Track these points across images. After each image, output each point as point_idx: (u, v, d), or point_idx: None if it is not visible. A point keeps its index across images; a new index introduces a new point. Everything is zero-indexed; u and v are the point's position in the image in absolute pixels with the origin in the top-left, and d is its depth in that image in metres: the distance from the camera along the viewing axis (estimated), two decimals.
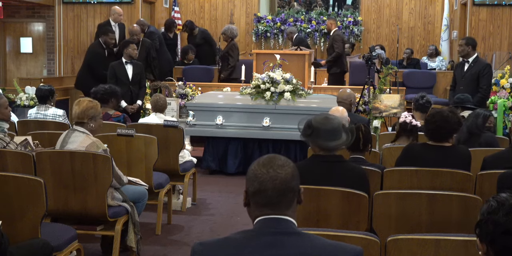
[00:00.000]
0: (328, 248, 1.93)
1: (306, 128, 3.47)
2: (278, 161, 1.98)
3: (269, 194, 1.93)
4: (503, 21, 10.32)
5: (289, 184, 1.95)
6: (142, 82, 7.88)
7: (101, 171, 4.08)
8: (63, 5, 10.92)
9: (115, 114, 6.06)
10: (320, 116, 3.48)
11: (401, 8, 12.51)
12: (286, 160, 2.00)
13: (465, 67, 7.24)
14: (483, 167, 4.02)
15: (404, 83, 10.28)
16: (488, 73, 7.14)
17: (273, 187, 1.93)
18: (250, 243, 1.91)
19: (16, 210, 3.42)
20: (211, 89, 8.78)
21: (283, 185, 1.94)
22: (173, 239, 5.08)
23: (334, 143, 3.41)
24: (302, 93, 7.34)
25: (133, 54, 7.72)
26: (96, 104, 4.33)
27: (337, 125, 3.45)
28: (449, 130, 4.04)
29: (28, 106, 8.08)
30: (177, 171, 5.67)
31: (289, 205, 1.96)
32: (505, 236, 1.85)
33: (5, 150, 4.17)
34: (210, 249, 1.94)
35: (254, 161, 2.02)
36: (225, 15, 12.77)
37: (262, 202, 1.95)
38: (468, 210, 3.16)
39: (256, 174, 1.96)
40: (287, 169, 1.96)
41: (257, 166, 1.98)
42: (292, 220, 1.97)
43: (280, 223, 1.94)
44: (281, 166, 1.96)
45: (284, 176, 1.94)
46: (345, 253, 1.93)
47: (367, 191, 3.36)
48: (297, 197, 1.99)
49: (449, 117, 4.04)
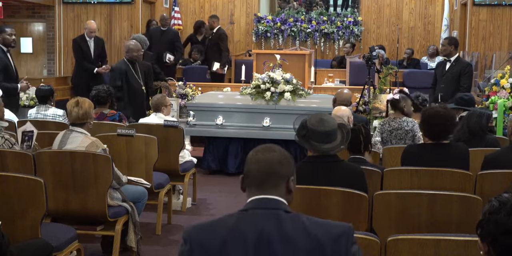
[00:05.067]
0: (320, 222, 2.04)
1: (301, 129, 3.45)
2: (270, 147, 2.13)
3: (254, 174, 2.07)
4: (503, 21, 10.31)
5: (273, 167, 2.06)
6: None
7: (101, 171, 4.08)
8: (63, 5, 10.91)
9: (110, 113, 6.07)
10: (315, 118, 3.44)
11: (401, 8, 12.51)
12: (278, 149, 2.12)
13: (446, 66, 7.49)
14: (484, 165, 4.00)
15: (404, 83, 10.27)
16: (469, 73, 7.43)
17: (258, 168, 2.07)
18: (242, 221, 2.00)
19: (16, 210, 3.42)
20: (211, 89, 8.78)
21: (266, 166, 2.06)
22: (173, 239, 5.08)
23: (327, 145, 3.40)
24: (302, 93, 7.34)
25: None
26: (92, 103, 4.36)
27: (333, 128, 3.41)
28: (449, 128, 4.05)
29: (28, 106, 8.09)
30: (177, 171, 5.67)
31: (274, 187, 2.06)
32: (506, 236, 1.86)
33: (5, 150, 4.17)
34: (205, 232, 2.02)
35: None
36: (225, 15, 12.76)
37: (250, 183, 2.08)
38: (468, 210, 3.16)
39: (248, 158, 2.13)
40: (274, 154, 2.09)
41: (251, 152, 2.14)
42: (281, 199, 2.05)
43: (270, 201, 2.04)
44: (269, 151, 2.10)
45: (268, 159, 2.07)
46: (337, 227, 2.04)
47: (365, 190, 3.36)
48: (285, 183, 2.07)
49: (447, 115, 4.04)
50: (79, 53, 9.20)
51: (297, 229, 1.97)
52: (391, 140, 5.18)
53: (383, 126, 5.25)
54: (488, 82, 8.14)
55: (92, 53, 9.22)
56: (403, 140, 5.16)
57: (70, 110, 4.24)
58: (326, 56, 12.61)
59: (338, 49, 12.51)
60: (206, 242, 1.98)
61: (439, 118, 4.01)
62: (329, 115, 3.67)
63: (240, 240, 1.96)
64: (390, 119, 5.29)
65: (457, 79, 7.36)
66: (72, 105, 4.23)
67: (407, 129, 5.16)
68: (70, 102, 4.27)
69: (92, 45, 9.23)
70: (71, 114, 4.25)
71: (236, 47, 12.73)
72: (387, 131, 5.22)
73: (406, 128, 5.17)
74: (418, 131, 5.12)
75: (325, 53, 12.68)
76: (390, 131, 5.20)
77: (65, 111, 6.45)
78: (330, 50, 12.71)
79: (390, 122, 5.24)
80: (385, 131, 5.22)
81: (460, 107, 5.77)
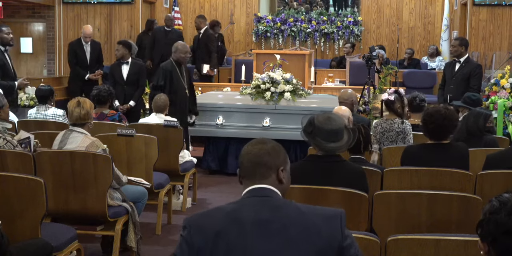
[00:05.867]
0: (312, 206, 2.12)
1: (308, 125, 3.44)
2: (262, 140, 2.24)
3: (245, 165, 2.18)
4: (503, 21, 10.31)
5: (261, 158, 2.16)
6: (140, 82, 7.75)
7: (101, 171, 4.08)
8: (63, 5, 10.92)
9: (110, 113, 6.07)
10: (323, 116, 3.44)
11: (401, 8, 12.51)
12: (269, 141, 2.23)
13: (456, 66, 7.42)
14: (486, 165, 4.00)
15: (404, 83, 10.27)
16: (479, 74, 7.37)
17: (248, 159, 2.18)
18: (240, 207, 2.08)
19: (16, 210, 3.42)
20: (211, 89, 8.78)
21: (255, 158, 2.17)
22: (173, 239, 5.08)
23: (334, 144, 3.38)
24: (302, 93, 7.34)
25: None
26: (92, 103, 4.37)
27: (339, 127, 3.41)
28: (450, 128, 4.04)
29: (28, 106, 8.09)
30: (177, 171, 5.67)
31: (264, 177, 2.15)
32: (506, 236, 1.86)
33: (5, 150, 4.17)
34: (203, 216, 2.10)
35: None
36: (225, 15, 12.77)
37: (242, 173, 2.19)
38: (468, 210, 3.16)
39: (241, 150, 2.23)
40: (263, 146, 2.19)
41: (245, 145, 2.24)
42: (273, 188, 2.14)
43: (262, 190, 2.13)
44: (259, 144, 2.21)
45: (257, 151, 2.18)
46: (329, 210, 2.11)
47: (366, 190, 3.35)
48: (274, 174, 2.16)
49: (448, 115, 4.03)
50: (73, 58, 9.11)
51: (290, 211, 2.06)
52: (383, 142, 5.09)
53: (376, 128, 5.16)
54: (488, 82, 8.15)
55: (88, 58, 9.12)
56: (394, 142, 5.05)
57: (72, 110, 4.24)
58: (326, 56, 12.61)
59: (338, 49, 12.51)
60: (205, 225, 2.05)
61: (438, 118, 4.01)
62: (337, 115, 3.67)
63: (236, 222, 2.03)
64: (383, 120, 5.20)
65: (467, 80, 7.28)
66: (73, 105, 4.24)
67: (398, 131, 5.06)
68: (71, 103, 4.29)
69: (89, 49, 9.12)
70: (72, 115, 4.24)
71: (236, 47, 12.74)
72: (379, 133, 5.12)
73: (397, 130, 5.06)
74: (409, 132, 5.05)
75: (325, 53, 12.68)
76: (382, 133, 5.10)
77: (65, 111, 6.47)
78: (330, 50, 12.72)
79: (382, 124, 5.14)
80: (378, 132, 5.12)
81: (465, 106, 5.74)
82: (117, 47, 7.83)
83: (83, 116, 4.21)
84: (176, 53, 6.85)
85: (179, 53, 6.84)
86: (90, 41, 9.15)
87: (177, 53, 6.85)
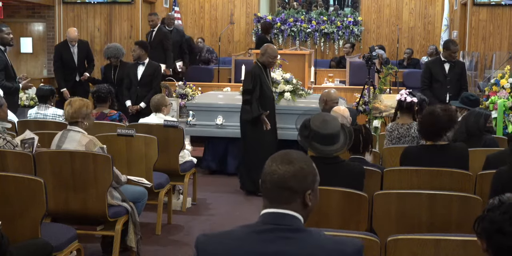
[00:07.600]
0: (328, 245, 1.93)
1: (303, 129, 3.43)
2: (288, 158, 1.98)
3: (267, 186, 1.97)
4: (503, 21, 10.31)
5: (287, 183, 1.94)
6: (153, 83, 7.66)
7: (101, 171, 4.09)
8: (63, 5, 10.91)
9: (111, 113, 6.07)
10: (319, 119, 3.42)
11: (401, 8, 12.51)
12: (296, 159, 1.98)
13: (445, 66, 7.47)
14: (486, 165, 3.99)
15: (404, 83, 10.27)
16: (465, 72, 7.61)
17: (271, 180, 1.96)
18: (251, 236, 1.93)
19: (16, 210, 3.42)
20: (211, 89, 8.78)
21: (280, 182, 1.94)
22: (173, 239, 5.08)
23: (329, 148, 3.39)
24: (302, 93, 7.34)
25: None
26: (87, 103, 4.38)
27: (336, 130, 3.40)
28: (438, 129, 4.02)
29: (28, 106, 8.09)
30: (177, 171, 5.67)
31: (288, 202, 1.95)
32: (498, 234, 1.89)
33: (5, 150, 4.17)
34: (213, 241, 1.98)
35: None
36: (225, 15, 12.77)
37: (264, 192, 2.00)
38: (468, 210, 3.16)
39: (265, 165, 1.99)
40: (289, 168, 1.94)
41: (270, 158, 2.01)
42: (294, 214, 1.95)
43: (283, 218, 1.94)
44: (286, 163, 1.96)
45: (282, 174, 1.94)
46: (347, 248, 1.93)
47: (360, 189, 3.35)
48: (300, 198, 1.96)
49: (440, 116, 4.01)
50: (58, 62, 8.89)
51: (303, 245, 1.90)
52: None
53: (391, 133, 4.96)
54: (488, 82, 8.15)
55: (76, 60, 8.92)
56: None
57: (64, 109, 4.36)
58: (326, 56, 12.62)
59: (338, 49, 12.52)
60: (210, 251, 1.96)
61: (431, 119, 4.00)
62: (332, 115, 3.64)
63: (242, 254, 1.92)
64: (399, 125, 4.98)
65: (459, 80, 7.43)
66: (66, 104, 4.34)
67: (414, 136, 4.88)
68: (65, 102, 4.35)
69: (76, 51, 8.92)
70: (64, 113, 4.35)
71: (236, 47, 12.74)
72: (395, 138, 4.93)
73: (413, 135, 4.88)
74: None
75: (325, 53, 12.68)
76: (399, 138, 4.93)
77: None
78: (330, 50, 12.72)
79: (399, 129, 4.94)
80: (394, 138, 4.93)
81: (464, 106, 5.72)
82: (134, 47, 7.83)
83: (72, 114, 4.26)
84: (264, 56, 6.41)
85: (267, 57, 6.40)
86: (77, 41, 8.97)
87: (265, 56, 6.41)
